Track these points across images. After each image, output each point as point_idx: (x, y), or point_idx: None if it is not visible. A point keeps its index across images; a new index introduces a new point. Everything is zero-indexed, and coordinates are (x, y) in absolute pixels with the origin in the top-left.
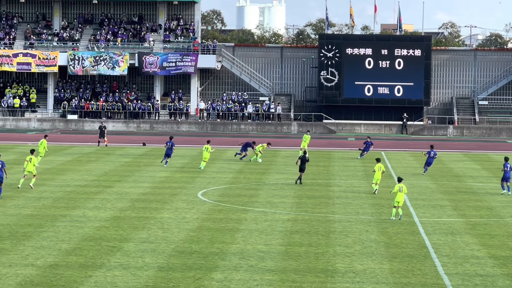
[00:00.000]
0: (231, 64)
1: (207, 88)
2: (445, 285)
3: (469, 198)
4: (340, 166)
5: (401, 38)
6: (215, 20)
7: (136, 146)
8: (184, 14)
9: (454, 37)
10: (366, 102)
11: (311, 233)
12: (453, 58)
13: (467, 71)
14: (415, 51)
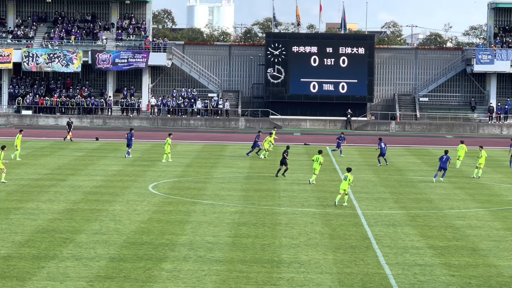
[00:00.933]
0: (181, 62)
1: (158, 85)
2: (386, 274)
3: (409, 191)
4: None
5: (346, 37)
6: (166, 19)
7: (89, 140)
8: (136, 13)
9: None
10: (312, 99)
11: (258, 225)
12: (395, 56)
13: (408, 69)
14: (359, 50)
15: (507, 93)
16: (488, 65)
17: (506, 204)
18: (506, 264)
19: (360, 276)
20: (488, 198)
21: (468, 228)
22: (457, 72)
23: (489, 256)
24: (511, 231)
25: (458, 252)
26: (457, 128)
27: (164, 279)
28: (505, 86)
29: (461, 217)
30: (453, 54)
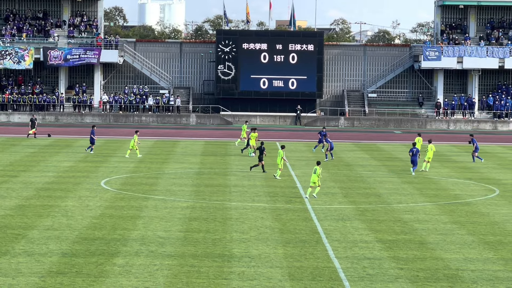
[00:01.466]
0: (132, 59)
1: (110, 82)
2: (336, 268)
3: (358, 186)
4: (237, 156)
5: (295, 34)
6: (117, 17)
7: (41, 137)
8: (87, 10)
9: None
10: (262, 95)
11: (209, 220)
12: (344, 53)
13: (357, 65)
14: (308, 46)
15: (454, 89)
16: (435, 62)
17: (453, 198)
18: (452, 257)
19: (310, 270)
20: (436, 193)
21: (416, 222)
22: (405, 68)
23: (436, 249)
24: (458, 224)
25: (406, 245)
26: (405, 124)
27: (116, 274)
28: (452, 82)
29: (409, 211)
30: (401, 50)
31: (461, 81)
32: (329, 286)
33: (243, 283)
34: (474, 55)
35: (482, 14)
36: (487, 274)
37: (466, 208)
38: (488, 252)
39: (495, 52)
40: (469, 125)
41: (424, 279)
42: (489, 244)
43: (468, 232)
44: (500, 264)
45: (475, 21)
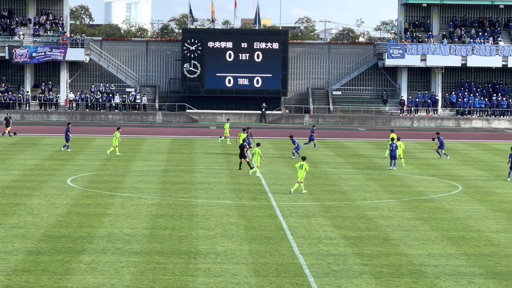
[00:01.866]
0: (99, 57)
1: (76, 80)
2: (300, 264)
3: (323, 183)
4: (202, 153)
5: (260, 32)
6: (83, 15)
7: (7, 135)
8: (53, 9)
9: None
10: (227, 93)
11: (175, 217)
12: (309, 51)
13: (321, 63)
14: (273, 45)
15: (417, 86)
16: (399, 59)
17: (417, 195)
18: (416, 253)
19: (275, 266)
20: (400, 189)
21: (380, 219)
22: (369, 66)
23: (400, 245)
24: (421, 220)
25: (371, 242)
26: (369, 121)
27: (82, 271)
28: (415, 79)
29: (374, 208)
30: (365, 48)
31: (425, 79)
32: (294, 282)
33: (209, 280)
34: (437, 53)
35: (445, 13)
36: (449, 269)
37: (430, 204)
38: (451, 248)
39: (458, 50)
40: (432, 122)
41: (388, 275)
42: (452, 240)
43: (432, 228)
44: (462, 260)
45: (438, 19)
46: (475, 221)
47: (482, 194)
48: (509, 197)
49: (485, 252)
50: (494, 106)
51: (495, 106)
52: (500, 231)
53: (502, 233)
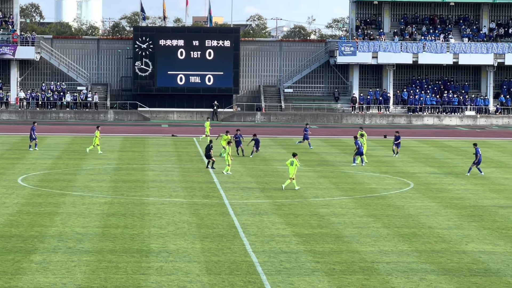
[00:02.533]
0: (49, 55)
1: (27, 78)
2: (253, 262)
3: (275, 180)
4: (154, 151)
5: (212, 30)
6: (33, 13)
7: None
8: (3, 7)
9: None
10: (179, 91)
11: (127, 216)
12: (260, 49)
13: (273, 61)
14: (225, 42)
15: (369, 83)
16: (351, 57)
17: (369, 192)
18: (368, 250)
19: (227, 264)
20: (352, 186)
21: (332, 216)
22: (320, 63)
23: (352, 243)
24: (373, 217)
25: (323, 239)
26: (321, 119)
27: (33, 271)
28: (367, 77)
29: (326, 205)
30: (317, 46)
31: (376, 76)
32: (247, 280)
33: (161, 278)
34: (389, 50)
35: (396, 10)
36: (401, 266)
37: (382, 201)
38: (402, 245)
39: (409, 47)
40: (384, 119)
41: (340, 272)
42: (403, 237)
43: (383, 225)
44: (414, 256)
45: (389, 16)
46: (426, 218)
47: (434, 191)
48: (460, 194)
49: (437, 249)
50: (445, 103)
51: (446, 103)
52: (452, 228)
53: (454, 230)
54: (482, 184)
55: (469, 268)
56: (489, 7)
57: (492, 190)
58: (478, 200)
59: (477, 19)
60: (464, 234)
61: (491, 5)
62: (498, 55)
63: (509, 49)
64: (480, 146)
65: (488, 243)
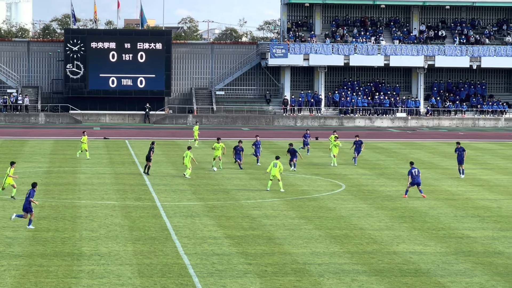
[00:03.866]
0: None
1: None
2: (185, 264)
3: (207, 182)
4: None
5: (143, 33)
6: None
7: None
8: None
9: (193, 31)
10: (111, 93)
11: (58, 219)
12: (192, 51)
13: (205, 63)
14: (157, 45)
15: (300, 86)
16: (282, 59)
17: (301, 194)
18: (300, 252)
19: (159, 267)
20: (284, 188)
21: (264, 218)
22: (252, 66)
23: (284, 244)
24: (305, 219)
25: (255, 241)
26: (252, 121)
27: None
28: (298, 79)
29: (258, 207)
30: (248, 48)
31: (308, 78)
32: (179, 282)
33: (93, 282)
34: (320, 52)
35: (327, 12)
36: (333, 267)
37: (313, 203)
38: (334, 246)
39: (340, 49)
40: (316, 121)
41: (272, 274)
42: (335, 238)
43: (315, 227)
44: (346, 257)
45: (320, 19)
46: (358, 219)
47: (365, 193)
48: (392, 195)
49: (368, 250)
50: (377, 105)
51: (378, 105)
52: (383, 229)
53: (385, 231)
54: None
55: (399, 268)
56: (419, 9)
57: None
58: (409, 201)
59: (408, 21)
60: (395, 235)
61: (421, 8)
62: (428, 57)
63: (439, 51)
64: (411, 148)
65: (419, 243)
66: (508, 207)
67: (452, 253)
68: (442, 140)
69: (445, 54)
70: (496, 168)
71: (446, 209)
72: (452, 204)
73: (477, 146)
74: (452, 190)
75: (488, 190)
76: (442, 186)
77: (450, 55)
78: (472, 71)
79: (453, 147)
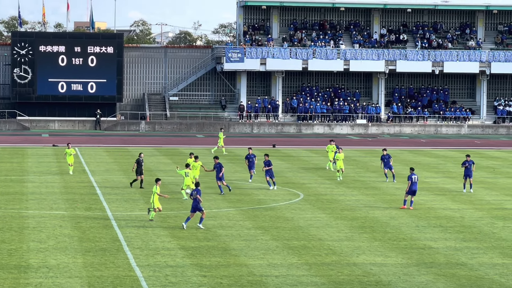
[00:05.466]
0: None
1: None
2: (137, 276)
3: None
4: (34, 162)
5: (94, 36)
6: None
7: None
8: None
9: (145, 34)
10: (60, 99)
11: (4, 230)
12: (145, 55)
13: (158, 68)
14: (108, 48)
15: (257, 91)
16: (238, 63)
17: (257, 203)
18: (256, 263)
19: (110, 279)
20: (239, 198)
21: (219, 228)
22: (207, 70)
23: (240, 256)
24: (262, 230)
25: (210, 252)
26: (207, 127)
27: None
28: (255, 84)
29: (213, 217)
30: (203, 52)
31: (265, 83)
32: None
33: None
34: (278, 57)
35: (285, 15)
36: (291, 280)
37: (270, 213)
38: (292, 257)
39: (299, 53)
40: (273, 128)
41: (227, 286)
42: (293, 249)
43: (272, 238)
44: (304, 269)
45: (278, 22)
46: (316, 230)
47: (324, 202)
48: (351, 205)
49: (327, 261)
50: (336, 111)
51: (337, 111)
52: (342, 239)
53: (344, 241)
54: (374, 194)
55: (360, 280)
56: (380, 12)
57: (383, 201)
58: (369, 211)
59: (368, 24)
60: (355, 246)
61: (382, 11)
62: (389, 61)
63: (400, 56)
64: (372, 155)
65: (380, 254)
66: (471, 217)
67: (414, 265)
68: (404, 148)
69: (407, 58)
70: (459, 177)
71: (408, 219)
72: (413, 214)
73: (440, 154)
74: (414, 200)
75: (450, 200)
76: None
77: (412, 59)
78: (435, 76)
79: (414, 155)
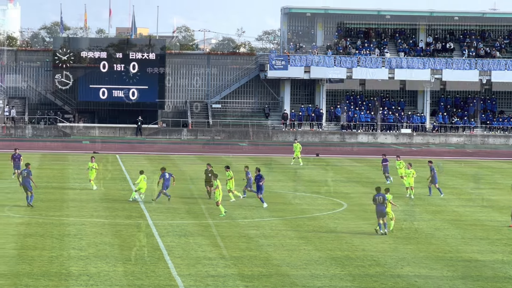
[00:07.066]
0: None
1: None
2: (178, 286)
3: (202, 201)
4: (75, 169)
5: (136, 42)
6: None
7: None
8: None
9: (188, 41)
10: (101, 105)
11: (45, 236)
12: (187, 62)
13: (201, 75)
14: (150, 55)
15: (301, 99)
16: (282, 71)
17: (300, 213)
18: (299, 274)
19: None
20: (282, 207)
21: (261, 238)
22: (250, 78)
23: (283, 266)
24: (304, 240)
25: (252, 262)
26: (250, 136)
27: None
28: (298, 92)
29: (255, 227)
30: (247, 59)
31: (309, 91)
32: None
33: None
34: (322, 65)
35: (329, 23)
36: None
37: (313, 222)
38: (335, 268)
39: (343, 61)
40: (316, 136)
41: None
42: (336, 260)
43: (315, 248)
44: (347, 280)
45: (322, 29)
46: (360, 240)
47: (368, 212)
48: (395, 215)
49: (371, 273)
50: (380, 120)
51: (382, 120)
52: (386, 250)
53: (388, 252)
54: (419, 205)
55: None
56: (426, 20)
57: (428, 212)
58: (414, 222)
59: (414, 32)
60: (399, 257)
61: (428, 18)
62: (435, 70)
63: (446, 65)
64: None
65: (424, 266)
66: None
67: (460, 277)
68: (450, 158)
69: (453, 67)
70: (507, 188)
71: (453, 230)
72: (459, 225)
73: (487, 165)
74: (460, 211)
75: (498, 211)
76: (449, 206)
77: (458, 68)
78: (482, 85)
79: (458, 165)
